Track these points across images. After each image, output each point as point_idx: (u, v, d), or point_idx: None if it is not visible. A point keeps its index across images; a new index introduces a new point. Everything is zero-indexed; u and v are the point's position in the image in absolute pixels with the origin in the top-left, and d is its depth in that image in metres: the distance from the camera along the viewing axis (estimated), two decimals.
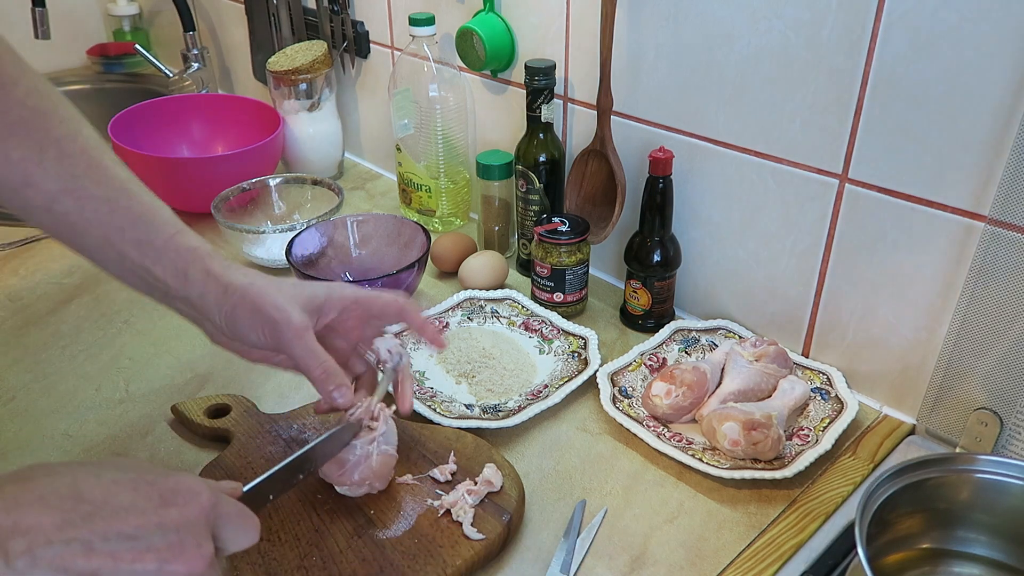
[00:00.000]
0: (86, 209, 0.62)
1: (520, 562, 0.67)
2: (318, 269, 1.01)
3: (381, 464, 0.68)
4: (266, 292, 0.64)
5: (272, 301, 0.64)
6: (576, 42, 0.97)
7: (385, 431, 0.68)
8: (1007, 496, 0.64)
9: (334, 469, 0.67)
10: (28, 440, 0.80)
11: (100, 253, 0.64)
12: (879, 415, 0.82)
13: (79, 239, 0.63)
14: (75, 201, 0.61)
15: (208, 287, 0.64)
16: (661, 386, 0.80)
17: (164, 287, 0.64)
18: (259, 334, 0.64)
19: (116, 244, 0.63)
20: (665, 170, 0.87)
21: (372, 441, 0.67)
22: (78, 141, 0.63)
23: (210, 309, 0.64)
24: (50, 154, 0.61)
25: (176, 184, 1.19)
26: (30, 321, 0.98)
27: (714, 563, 0.67)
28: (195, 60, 1.58)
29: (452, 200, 1.17)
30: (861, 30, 0.71)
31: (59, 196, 0.61)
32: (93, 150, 0.64)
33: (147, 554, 0.43)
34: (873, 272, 0.79)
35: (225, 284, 0.64)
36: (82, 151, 0.63)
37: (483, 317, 0.96)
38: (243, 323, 0.64)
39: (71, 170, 0.61)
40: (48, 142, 0.61)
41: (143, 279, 0.64)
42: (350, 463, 0.67)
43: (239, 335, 0.65)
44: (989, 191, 0.68)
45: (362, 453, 0.66)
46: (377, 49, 1.28)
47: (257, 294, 0.64)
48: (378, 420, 0.68)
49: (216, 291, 0.64)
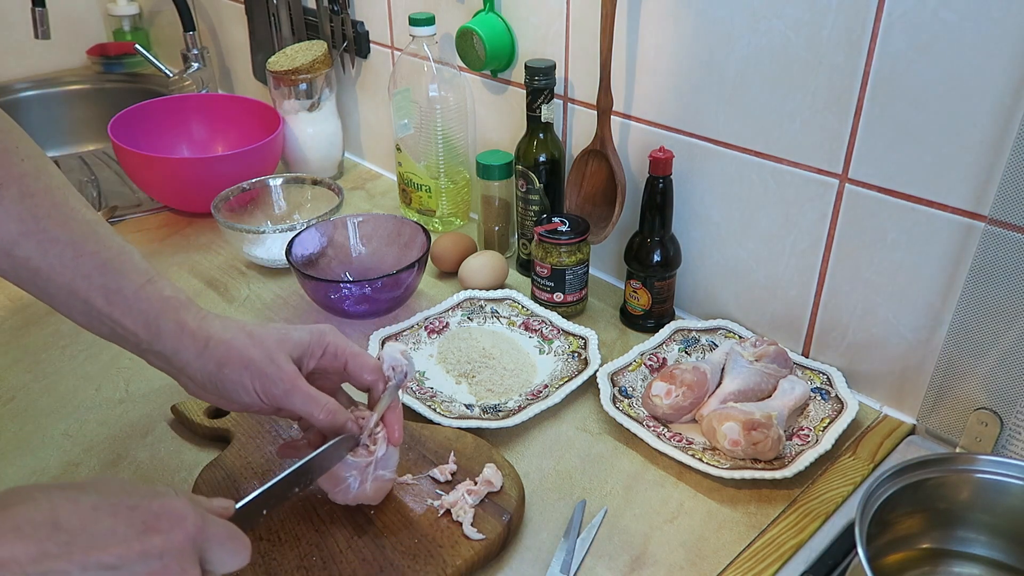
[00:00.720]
0: (49, 253, 0.57)
1: (520, 562, 0.67)
2: (318, 269, 1.01)
3: (376, 490, 0.66)
4: (252, 346, 0.61)
5: (262, 355, 0.60)
6: (576, 42, 0.97)
7: (384, 455, 0.65)
8: (1007, 496, 0.64)
9: (329, 484, 0.66)
10: (28, 440, 0.80)
11: (64, 302, 0.59)
12: (879, 415, 0.82)
13: (42, 285, 0.59)
14: (37, 244, 0.57)
15: (183, 342, 0.60)
16: (661, 386, 0.80)
17: (135, 339, 0.60)
18: (250, 391, 0.61)
19: (81, 292, 0.58)
20: (665, 170, 0.87)
21: (368, 465, 0.64)
22: (41, 179, 0.59)
23: (188, 365, 0.60)
24: (11, 192, 0.57)
25: (176, 184, 1.19)
26: (30, 321, 0.99)
27: (714, 563, 0.67)
28: (195, 60, 1.58)
29: (452, 200, 1.17)
30: (861, 30, 0.71)
31: (19, 239, 0.57)
32: (57, 190, 0.59)
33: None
34: (873, 272, 0.79)
35: (204, 339, 0.60)
36: (46, 190, 0.58)
37: (483, 317, 0.96)
38: (231, 380, 0.60)
39: (33, 211, 0.57)
40: (9, 180, 0.57)
41: (112, 330, 0.60)
42: (344, 483, 0.65)
43: (226, 392, 0.61)
44: (989, 191, 0.68)
45: (359, 477, 0.65)
46: (377, 49, 1.28)
47: (242, 348, 0.60)
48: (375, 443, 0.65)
49: (194, 346, 0.60)
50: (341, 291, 0.94)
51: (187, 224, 1.22)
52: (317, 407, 0.62)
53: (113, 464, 0.77)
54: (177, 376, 0.62)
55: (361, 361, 0.66)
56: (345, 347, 0.66)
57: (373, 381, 0.67)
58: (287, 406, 0.62)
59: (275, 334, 0.63)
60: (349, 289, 0.94)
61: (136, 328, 0.60)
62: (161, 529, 0.44)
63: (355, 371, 0.66)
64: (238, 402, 0.62)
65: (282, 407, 0.62)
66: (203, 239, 1.17)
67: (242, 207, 1.13)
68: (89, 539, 0.41)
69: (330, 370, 0.66)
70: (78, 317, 0.60)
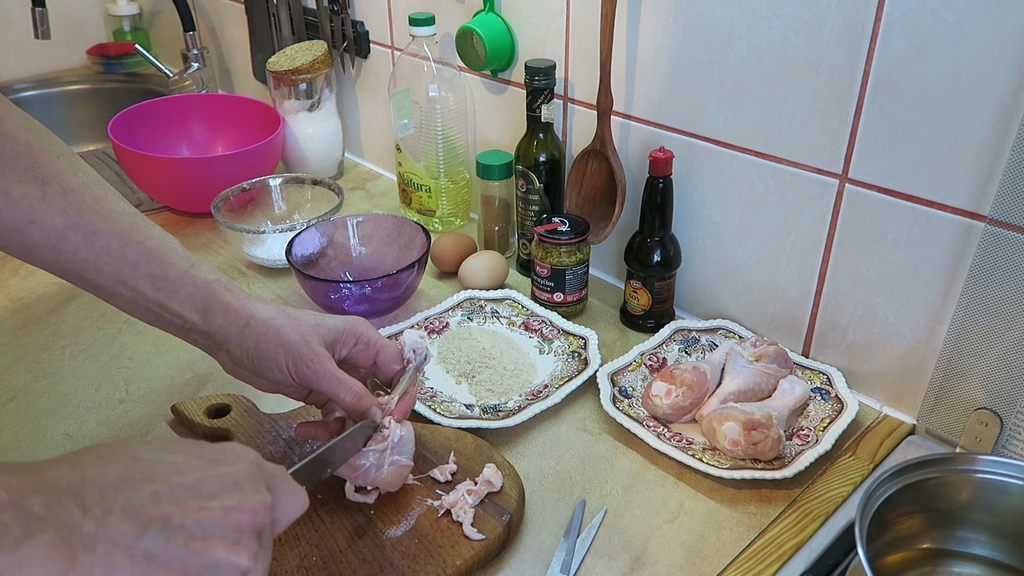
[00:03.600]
0: (96, 245, 0.60)
1: (520, 562, 0.67)
2: (318, 269, 1.01)
3: (393, 475, 0.67)
4: (289, 326, 0.64)
5: (297, 336, 0.64)
6: (576, 42, 0.97)
7: (400, 440, 0.67)
8: (1007, 496, 0.64)
9: (347, 470, 0.66)
10: (28, 440, 0.80)
11: (111, 290, 0.62)
12: (879, 415, 0.82)
13: (89, 276, 0.62)
14: (84, 237, 0.60)
15: (228, 320, 0.64)
16: (661, 386, 0.80)
17: (181, 321, 0.64)
18: (283, 368, 0.64)
19: (129, 280, 0.62)
20: (665, 170, 0.87)
21: (385, 450, 0.66)
22: (79, 176, 0.61)
23: (229, 342, 0.64)
24: (53, 189, 0.59)
25: (176, 184, 1.19)
26: (30, 321, 0.99)
27: (714, 563, 0.67)
28: (195, 60, 1.58)
29: (452, 200, 1.17)
30: (861, 30, 0.71)
31: (66, 232, 0.59)
32: (95, 185, 0.63)
33: (212, 501, 0.43)
34: (873, 272, 0.79)
35: (247, 317, 0.64)
36: (84, 186, 0.61)
37: (483, 317, 0.96)
38: (267, 357, 0.64)
39: (77, 205, 0.60)
40: (49, 176, 0.59)
41: (158, 315, 0.64)
42: (361, 468, 0.66)
43: (260, 369, 0.65)
44: (989, 191, 0.68)
45: (374, 462, 0.66)
46: (377, 49, 1.28)
47: (281, 328, 0.64)
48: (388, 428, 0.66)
49: (236, 324, 0.64)
50: (341, 291, 0.94)
51: (187, 224, 1.22)
52: (344, 389, 0.64)
53: None
54: (216, 353, 0.66)
55: (391, 352, 0.70)
56: (377, 339, 0.70)
57: (400, 370, 0.70)
58: (316, 386, 0.65)
59: (311, 319, 0.66)
60: (349, 289, 0.94)
61: (183, 311, 0.63)
62: (227, 461, 0.46)
63: (385, 363, 0.70)
64: (271, 379, 0.65)
65: (311, 387, 0.65)
66: (203, 239, 1.17)
67: (242, 207, 1.13)
68: (167, 466, 0.44)
69: (361, 361, 0.70)
70: (124, 304, 0.64)
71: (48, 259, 0.61)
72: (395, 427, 0.67)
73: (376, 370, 0.71)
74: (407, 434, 0.68)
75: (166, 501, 0.42)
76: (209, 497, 0.43)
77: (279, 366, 0.64)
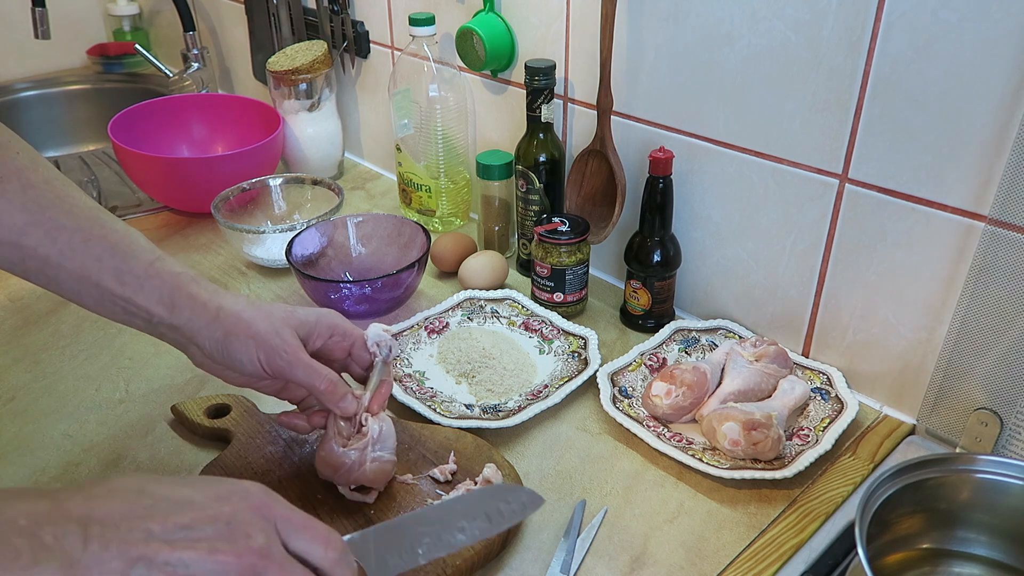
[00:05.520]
0: (59, 241, 0.59)
1: (520, 562, 0.67)
2: (318, 269, 1.01)
3: (375, 471, 0.67)
4: (260, 318, 0.64)
5: (268, 327, 0.63)
6: (576, 42, 0.97)
7: (380, 435, 0.67)
8: (1007, 496, 0.64)
9: (329, 471, 0.67)
10: (28, 440, 0.80)
11: (74, 288, 0.61)
12: (879, 415, 0.82)
13: (52, 273, 0.60)
14: (45, 233, 0.59)
15: (196, 312, 0.62)
16: (661, 386, 0.80)
17: (147, 315, 0.62)
18: (254, 360, 0.63)
19: (93, 276, 0.60)
20: (665, 170, 0.87)
21: (365, 447, 0.66)
22: (39, 171, 0.60)
23: (198, 335, 0.63)
24: (12, 185, 0.58)
25: (176, 184, 1.19)
26: (30, 321, 0.99)
27: (714, 563, 0.67)
28: (195, 60, 1.58)
29: (452, 200, 1.17)
30: (861, 30, 0.71)
31: (27, 229, 0.58)
32: (55, 180, 0.61)
33: (199, 543, 0.46)
34: (873, 272, 0.79)
35: (215, 309, 0.63)
36: (45, 181, 0.60)
37: (483, 317, 0.96)
38: (237, 349, 0.63)
39: (37, 200, 0.59)
40: (8, 173, 0.58)
41: (124, 309, 0.62)
42: (344, 467, 0.66)
43: (231, 362, 0.64)
44: (989, 191, 0.68)
45: (356, 459, 0.66)
46: (377, 49, 1.28)
47: (251, 319, 0.63)
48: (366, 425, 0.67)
49: (205, 317, 0.63)
50: (341, 291, 0.94)
51: (187, 224, 1.22)
52: (319, 378, 0.64)
53: (113, 464, 0.77)
54: (186, 347, 0.65)
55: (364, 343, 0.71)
56: (353, 329, 0.70)
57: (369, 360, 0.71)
58: (290, 376, 0.64)
59: (282, 311, 0.66)
60: (349, 289, 0.94)
61: (149, 304, 0.62)
62: (230, 501, 0.49)
63: (359, 353, 0.70)
64: (242, 372, 0.65)
65: (285, 378, 0.65)
66: (203, 239, 1.17)
67: (242, 207, 1.13)
68: (169, 505, 0.47)
69: (336, 353, 0.70)
70: (88, 301, 0.62)
71: (11, 258, 0.59)
72: (373, 422, 0.67)
73: (350, 361, 0.71)
74: (387, 429, 0.68)
75: (157, 539, 0.45)
76: (197, 539, 0.46)
77: (250, 358, 0.63)
